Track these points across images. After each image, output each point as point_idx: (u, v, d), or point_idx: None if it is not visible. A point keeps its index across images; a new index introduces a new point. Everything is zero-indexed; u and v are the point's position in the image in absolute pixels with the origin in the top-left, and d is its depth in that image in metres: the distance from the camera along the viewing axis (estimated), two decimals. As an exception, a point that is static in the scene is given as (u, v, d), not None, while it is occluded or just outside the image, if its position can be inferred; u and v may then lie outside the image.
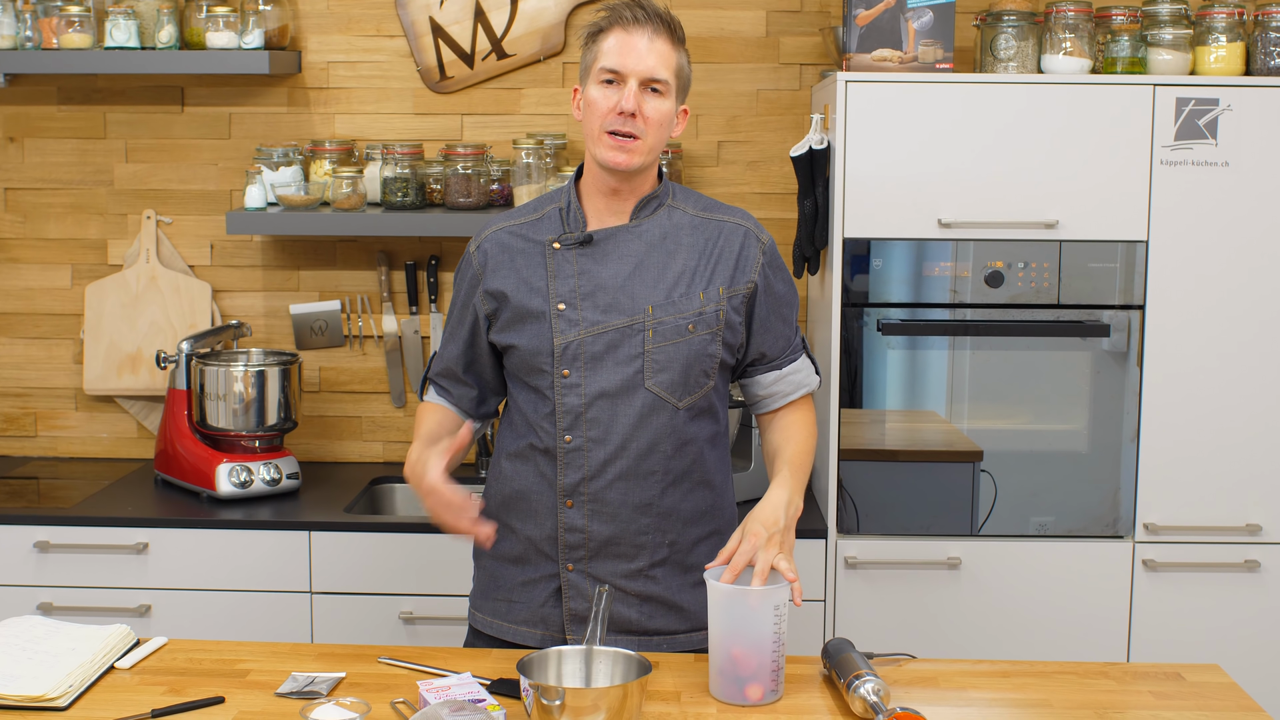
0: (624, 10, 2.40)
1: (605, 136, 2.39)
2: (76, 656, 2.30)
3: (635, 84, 2.37)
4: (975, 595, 3.34)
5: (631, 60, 2.37)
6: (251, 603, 3.34)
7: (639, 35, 2.37)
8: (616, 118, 2.37)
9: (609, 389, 2.42)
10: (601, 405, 2.42)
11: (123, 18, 3.59)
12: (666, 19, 2.41)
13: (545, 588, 2.51)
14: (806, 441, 2.53)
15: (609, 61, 2.38)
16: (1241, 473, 3.32)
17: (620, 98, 2.37)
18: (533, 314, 2.44)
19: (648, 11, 2.39)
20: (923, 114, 3.23)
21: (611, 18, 2.40)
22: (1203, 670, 2.41)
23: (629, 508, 2.45)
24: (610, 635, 2.46)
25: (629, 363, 2.42)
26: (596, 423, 2.43)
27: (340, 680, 2.31)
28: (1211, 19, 3.29)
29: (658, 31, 2.38)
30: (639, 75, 2.37)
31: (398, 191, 3.64)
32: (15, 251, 3.92)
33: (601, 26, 2.41)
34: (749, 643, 2.19)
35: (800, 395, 2.57)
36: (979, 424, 3.36)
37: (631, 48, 2.37)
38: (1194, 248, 3.27)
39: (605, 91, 2.39)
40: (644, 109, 2.38)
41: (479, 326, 2.52)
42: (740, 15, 3.77)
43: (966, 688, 2.32)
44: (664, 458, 2.44)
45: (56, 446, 3.98)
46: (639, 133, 2.38)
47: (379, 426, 3.92)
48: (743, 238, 2.49)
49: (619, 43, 2.38)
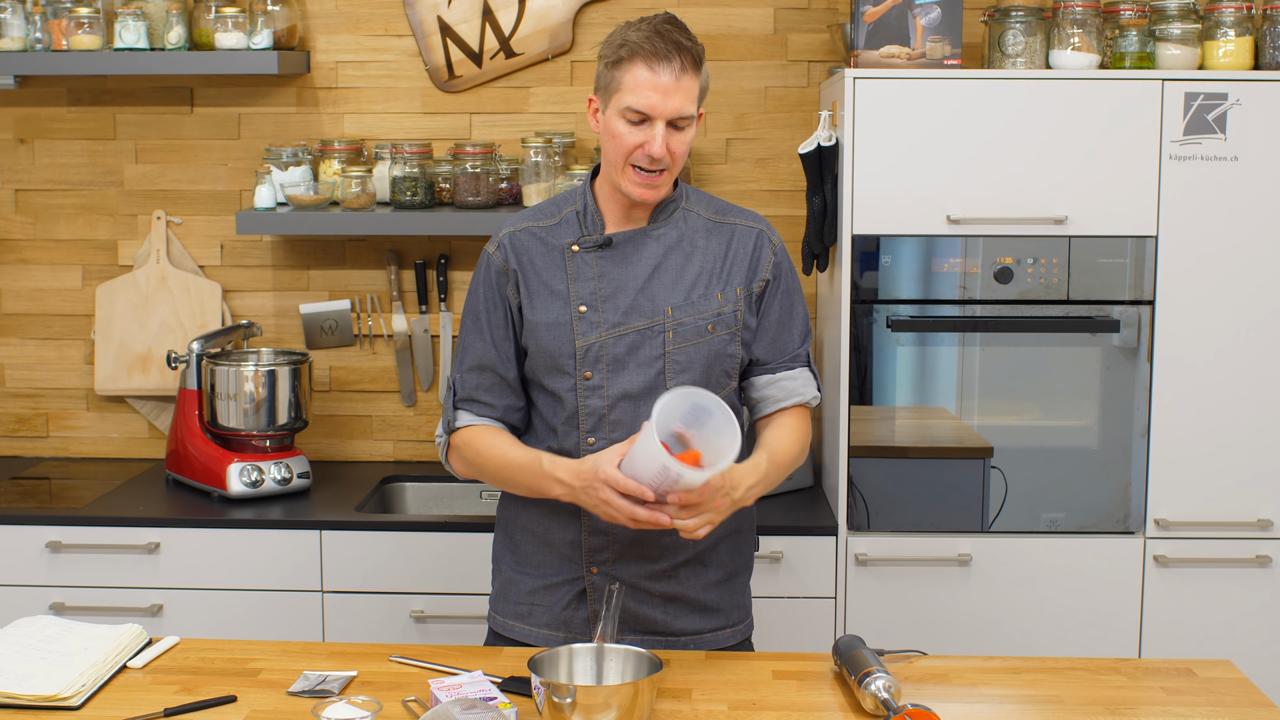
0: (646, 44, 2.31)
1: (631, 170, 2.37)
2: (89, 656, 2.31)
3: (663, 126, 2.33)
4: (986, 592, 3.34)
5: (659, 102, 2.31)
6: (263, 602, 3.34)
7: (665, 73, 2.31)
8: (644, 158, 2.35)
9: (632, 390, 2.42)
10: (624, 407, 2.42)
11: (132, 19, 3.60)
12: (691, 50, 2.33)
13: (567, 591, 2.51)
14: (793, 446, 2.48)
15: (635, 101, 2.32)
16: (1252, 468, 3.32)
17: (647, 139, 2.33)
18: (553, 316, 2.43)
19: (670, 44, 2.31)
20: (931, 110, 3.23)
21: (634, 49, 2.32)
22: (1214, 666, 2.40)
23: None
24: (635, 636, 2.46)
25: (651, 364, 2.42)
26: (620, 424, 2.42)
27: (352, 679, 2.31)
28: (1220, 13, 3.28)
29: (684, 67, 2.31)
30: (667, 117, 2.33)
31: (407, 191, 3.64)
32: (26, 252, 3.93)
33: (625, 56, 2.33)
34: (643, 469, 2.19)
35: (793, 403, 2.52)
36: (989, 420, 3.35)
37: (658, 88, 2.31)
38: (1204, 242, 3.26)
39: (631, 130, 2.34)
40: (671, 145, 2.35)
41: (513, 319, 2.47)
42: (748, 13, 3.77)
43: (978, 684, 2.32)
44: None
45: (68, 447, 3.99)
46: (666, 167, 2.37)
47: (389, 425, 3.93)
48: (755, 239, 2.49)
49: (645, 82, 2.31)
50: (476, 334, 2.49)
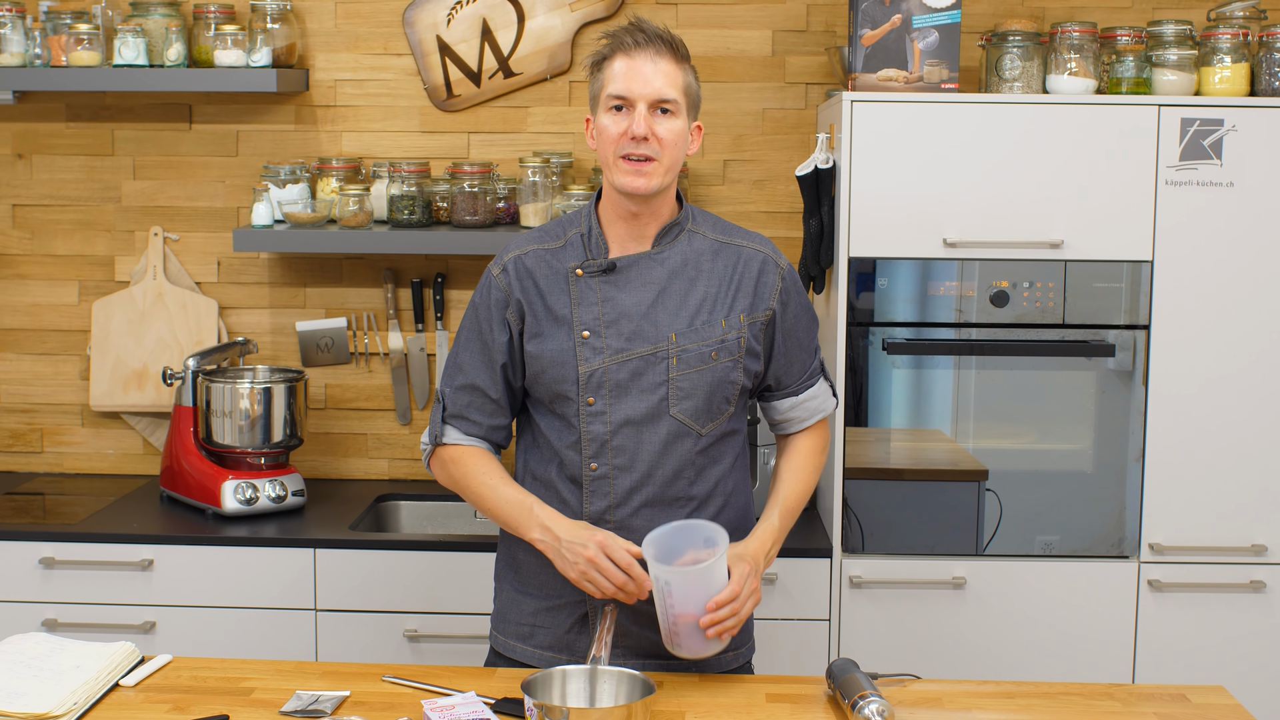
0: (624, 36, 2.40)
1: (621, 162, 2.39)
2: (81, 674, 2.31)
3: (644, 107, 2.37)
4: (980, 615, 3.34)
5: (638, 84, 2.37)
6: (256, 620, 3.34)
7: (642, 59, 2.38)
8: (629, 142, 2.37)
9: (634, 416, 2.42)
10: (627, 433, 2.42)
11: (131, 36, 3.61)
12: (668, 38, 2.41)
13: (569, 614, 2.50)
14: (808, 480, 2.57)
15: (616, 88, 2.38)
16: (1247, 493, 3.32)
17: (630, 123, 2.37)
18: (557, 342, 2.44)
19: (648, 34, 2.39)
20: (928, 133, 3.24)
21: (614, 44, 2.41)
22: (1208, 691, 2.40)
23: None
24: (638, 660, 2.46)
25: (654, 390, 2.42)
26: (622, 450, 2.43)
27: (345, 699, 2.31)
28: (1216, 40, 3.29)
29: (660, 52, 2.38)
30: (647, 98, 2.37)
31: (404, 209, 3.64)
32: (23, 267, 3.93)
33: (604, 54, 2.42)
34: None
35: (817, 420, 2.60)
36: (984, 443, 3.36)
37: (637, 72, 2.37)
38: (1199, 268, 3.27)
39: (615, 118, 2.39)
40: (656, 130, 2.38)
41: (514, 343, 2.48)
42: (746, 35, 3.78)
43: (971, 708, 2.32)
44: (688, 484, 2.45)
45: (62, 462, 3.99)
46: (654, 154, 2.38)
47: (384, 444, 3.93)
48: (761, 264, 2.49)
49: (624, 68, 2.38)
50: (470, 352, 2.51)
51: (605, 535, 2.35)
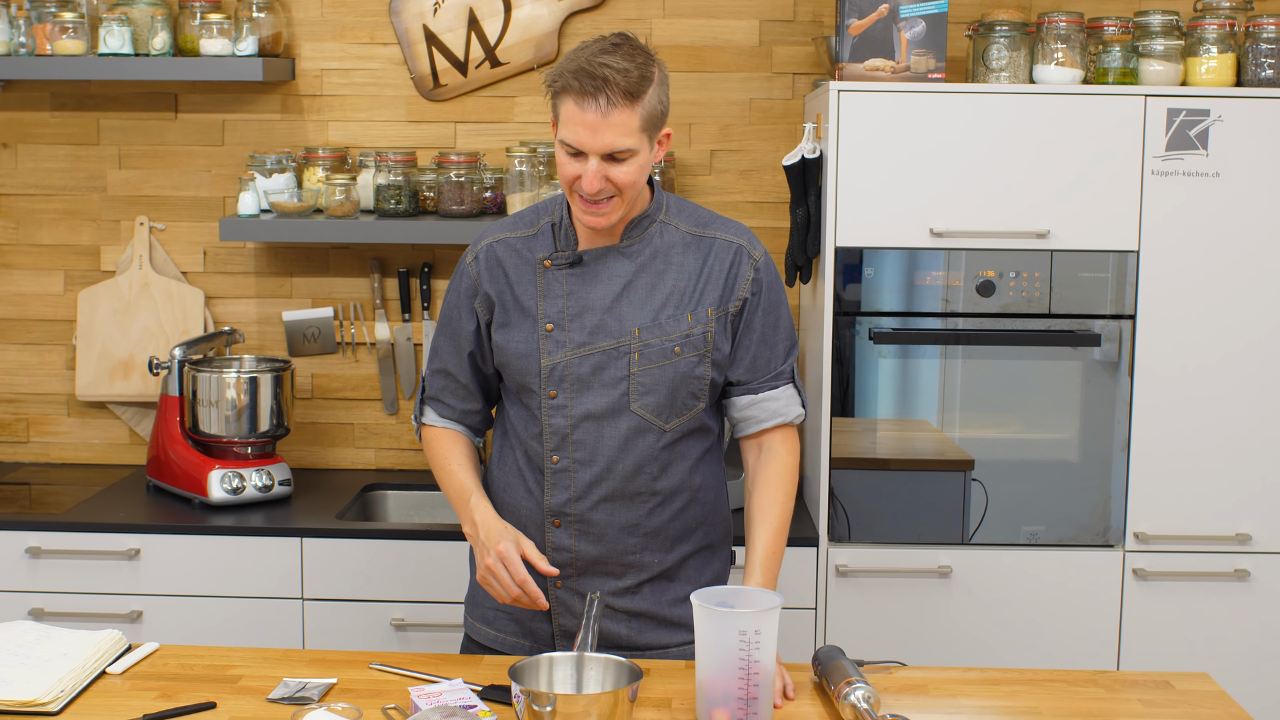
0: (572, 81, 2.26)
1: (577, 198, 2.35)
2: (68, 662, 2.30)
3: (597, 161, 2.29)
4: (966, 603, 3.35)
5: (587, 139, 2.26)
6: (243, 609, 3.34)
7: (591, 110, 2.25)
8: (581, 187, 2.32)
9: (595, 411, 2.41)
10: (587, 427, 2.42)
11: (116, 24, 3.59)
12: (620, 82, 2.25)
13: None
14: (781, 518, 2.45)
15: (567, 135, 2.29)
16: (1231, 482, 3.33)
17: (584, 173, 2.30)
18: (522, 333, 2.43)
19: (598, 80, 2.24)
20: (915, 123, 3.24)
21: (565, 84, 2.27)
22: (1192, 679, 2.41)
23: (615, 528, 2.44)
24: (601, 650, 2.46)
25: (615, 385, 2.41)
26: (583, 444, 2.42)
27: (332, 686, 2.31)
28: (1203, 30, 3.30)
29: (612, 103, 2.25)
30: (599, 151, 2.28)
31: (391, 199, 3.64)
32: (8, 257, 3.92)
33: (556, 90, 2.30)
34: (716, 666, 2.12)
35: (775, 424, 2.50)
36: (970, 433, 3.37)
37: (585, 124, 2.26)
38: (1185, 258, 3.28)
39: (569, 161, 2.31)
40: (610, 175, 2.30)
41: (482, 332, 2.49)
42: (733, 25, 3.78)
43: (956, 695, 2.33)
44: (650, 479, 2.44)
45: (48, 452, 3.98)
46: (612, 193, 2.32)
47: (371, 433, 3.93)
48: (734, 254, 2.44)
49: (574, 117, 2.27)
50: (444, 337, 2.55)
51: (509, 546, 2.32)
